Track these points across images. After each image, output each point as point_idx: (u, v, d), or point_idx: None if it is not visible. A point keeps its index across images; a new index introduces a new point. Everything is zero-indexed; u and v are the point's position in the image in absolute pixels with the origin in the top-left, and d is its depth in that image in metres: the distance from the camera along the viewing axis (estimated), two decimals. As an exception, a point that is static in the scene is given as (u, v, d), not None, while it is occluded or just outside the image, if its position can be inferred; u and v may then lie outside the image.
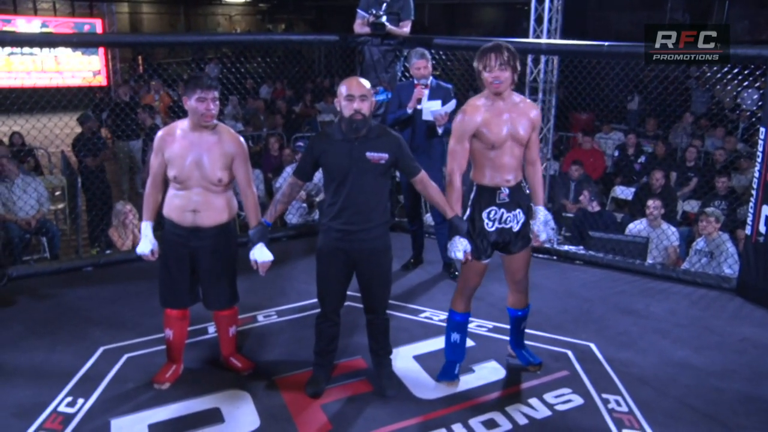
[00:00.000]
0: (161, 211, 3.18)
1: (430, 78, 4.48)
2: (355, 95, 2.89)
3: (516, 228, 3.12)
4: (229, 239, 3.20)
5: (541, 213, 3.19)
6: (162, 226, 3.19)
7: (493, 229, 3.09)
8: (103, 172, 7.18)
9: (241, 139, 3.14)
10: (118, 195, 7.70)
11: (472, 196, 3.10)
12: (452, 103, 4.32)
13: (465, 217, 3.09)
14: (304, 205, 6.32)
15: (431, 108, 4.36)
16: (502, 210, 3.07)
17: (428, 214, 4.94)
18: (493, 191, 3.06)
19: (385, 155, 2.96)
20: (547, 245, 5.14)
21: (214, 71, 14.25)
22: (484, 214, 3.07)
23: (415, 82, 4.43)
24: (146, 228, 3.17)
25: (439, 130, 4.34)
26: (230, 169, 3.08)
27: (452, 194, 3.04)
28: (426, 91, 4.43)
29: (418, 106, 4.40)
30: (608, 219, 6.23)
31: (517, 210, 3.10)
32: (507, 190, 3.06)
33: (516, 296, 3.33)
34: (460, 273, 3.22)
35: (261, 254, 3.06)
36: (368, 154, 2.94)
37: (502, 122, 2.98)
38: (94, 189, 6.68)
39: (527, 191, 3.18)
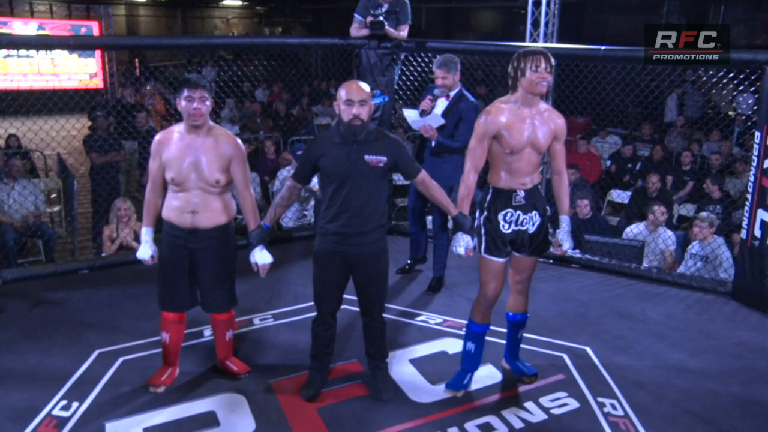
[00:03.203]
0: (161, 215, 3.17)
1: (458, 88, 4.22)
2: (354, 100, 2.89)
3: (531, 230, 3.11)
4: (228, 241, 3.19)
5: (566, 222, 3.21)
6: (160, 229, 3.18)
7: (510, 231, 3.08)
8: (115, 171, 7.15)
9: (239, 140, 3.14)
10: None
11: (488, 198, 3.09)
12: (435, 117, 4.12)
13: (482, 218, 3.08)
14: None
15: (410, 117, 4.20)
16: (519, 212, 3.07)
17: (429, 217, 4.89)
18: (508, 194, 3.05)
19: (384, 158, 2.96)
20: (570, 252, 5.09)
21: (210, 74, 14.25)
22: (500, 216, 3.06)
23: (436, 92, 4.22)
24: (146, 234, 3.17)
25: (433, 143, 4.20)
26: (228, 170, 3.08)
27: (464, 190, 3.03)
28: (439, 103, 4.20)
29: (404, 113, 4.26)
30: (603, 224, 6.24)
31: (534, 212, 3.10)
32: (523, 193, 3.05)
33: (516, 298, 3.31)
34: (480, 278, 3.17)
35: (261, 257, 3.08)
36: (367, 157, 2.94)
37: (524, 128, 2.97)
38: (100, 190, 6.65)
39: (543, 193, 3.18)
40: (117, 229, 5.32)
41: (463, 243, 3.00)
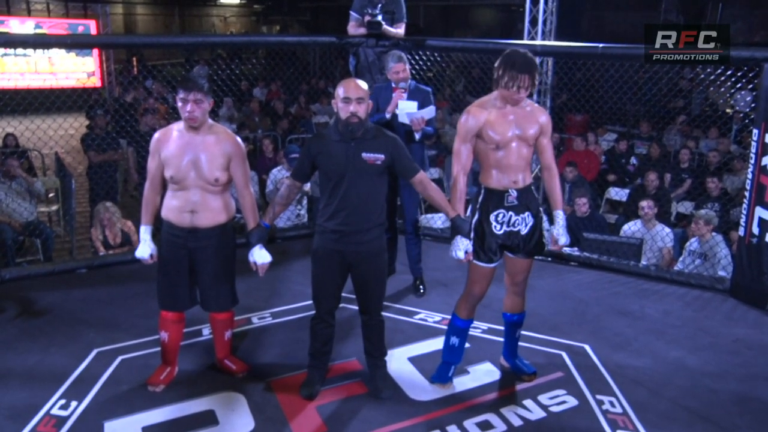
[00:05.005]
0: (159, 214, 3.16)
1: (409, 81, 4.32)
2: (352, 98, 2.89)
3: (524, 231, 3.09)
4: (228, 240, 3.18)
5: (560, 217, 3.17)
6: (159, 228, 3.17)
7: (502, 232, 3.06)
8: (113, 170, 7.15)
9: (238, 139, 3.12)
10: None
11: (480, 198, 3.07)
12: (431, 109, 4.17)
13: (474, 220, 3.06)
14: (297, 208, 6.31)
15: (407, 109, 4.19)
16: (511, 213, 3.05)
17: (423, 216, 4.86)
18: (501, 194, 3.03)
19: (381, 156, 2.96)
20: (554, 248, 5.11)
21: (202, 73, 14.21)
22: (492, 217, 3.04)
23: (394, 85, 4.26)
24: (145, 232, 3.15)
25: (417, 135, 4.18)
26: (227, 169, 3.07)
27: (455, 194, 3.01)
28: (405, 95, 4.26)
29: (396, 110, 4.23)
30: (601, 221, 6.24)
31: (526, 213, 3.07)
32: (515, 193, 3.03)
33: (513, 299, 3.30)
34: (467, 277, 3.17)
35: (260, 256, 3.08)
36: (364, 155, 2.94)
37: (508, 122, 2.95)
38: (98, 189, 6.65)
39: (536, 194, 3.17)
40: (103, 232, 5.32)
41: (462, 246, 2.96)
